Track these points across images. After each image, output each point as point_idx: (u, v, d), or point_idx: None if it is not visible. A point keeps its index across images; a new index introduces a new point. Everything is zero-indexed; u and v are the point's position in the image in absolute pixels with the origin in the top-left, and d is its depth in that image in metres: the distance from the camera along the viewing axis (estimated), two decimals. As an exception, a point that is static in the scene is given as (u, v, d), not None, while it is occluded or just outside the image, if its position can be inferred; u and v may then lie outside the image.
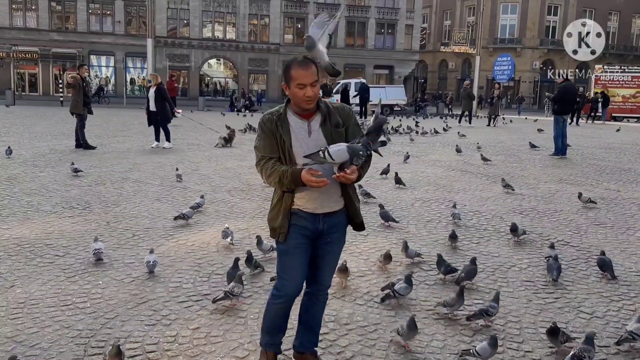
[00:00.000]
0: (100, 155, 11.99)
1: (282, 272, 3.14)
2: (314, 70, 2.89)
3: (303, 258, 3.08)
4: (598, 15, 58.42)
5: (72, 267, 5.03)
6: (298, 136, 2.95)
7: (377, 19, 51.11)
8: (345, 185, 3.00)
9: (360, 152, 2.78)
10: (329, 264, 3.20)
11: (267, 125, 2.98)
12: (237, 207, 7.54)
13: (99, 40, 45.21)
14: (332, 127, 2.96)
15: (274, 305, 3.18)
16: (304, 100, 2.89)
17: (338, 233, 3.13)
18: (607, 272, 5.09)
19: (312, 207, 3.00)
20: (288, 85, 2.92)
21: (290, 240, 3.03)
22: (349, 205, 3.09)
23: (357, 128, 3.07)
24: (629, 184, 9.93)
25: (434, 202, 8.04)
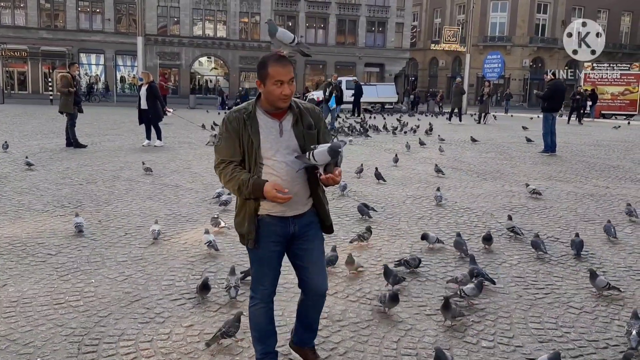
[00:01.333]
0: (91, 154, 11.95)
1: (256, 278, 3.08)
2: (291, 68, 2.81)
3: (276, 264, 3.02)
4: (587, 13, 58.81)
5: (64, 265, 5.03)
6: (268, 136, 2.83)
7: (368, 17, 51.16)
8: (315, 187, 2.94)
9: (340, 152, 2.71)
10: (314, 263, 3.04)
11: (233, 125, 2.84)
12: (230, 205, 7.52)
13: (88, 39, 44.92)
14: (304, 129, 2.87)
15: (255, 307, 3.09)
16: (280, 99, 2.78)
17: (312, 230, 3.02)
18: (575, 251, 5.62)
19: (280, 210, 2.88)
20: (263, 83, 2.79)
21: (262, 248, 2.94)
22: (318, 207, 3.01)
23: (327, 131, 3.04)
24: (617, 181, 10.03)
25: (425, 199, 8.09)
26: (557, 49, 57.23)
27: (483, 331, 3.93)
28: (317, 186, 2.95)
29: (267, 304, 3.10)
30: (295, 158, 2.82)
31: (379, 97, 36.92)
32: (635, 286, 4.85)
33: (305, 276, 3.06)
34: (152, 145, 13.54)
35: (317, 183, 2.93)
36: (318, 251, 3.08)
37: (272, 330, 3.20)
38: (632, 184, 9.72)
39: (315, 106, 3.08)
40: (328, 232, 3.14)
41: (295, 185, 2.85)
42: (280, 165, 2.83)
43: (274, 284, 3.09)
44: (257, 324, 3.13)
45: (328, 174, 2.72)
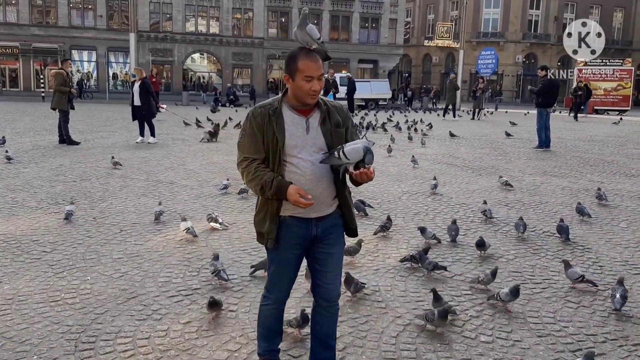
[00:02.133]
0: (85, 151, 11.87)
1: (272, 279, 2.99)
2: (321, 63, 2.70)
3: (294, 267, 2.94)
4: (579, 9, 59.09)
5: (59, 263, 4.99)
6: (294, 133, 2.71)
7: (361, 13, 51.11)
8: (342, 187, 2.83)
9: (372, 149, 2.59)
10: (331, 269, 2.93)
11: (258, 120, 2.73)
12: (225, 202, 7.52)
13: (80, 35, 44.66)
14: (332, 127, 2.75)
15: (266, 306, 3.04)
16: (308, 95, 2.67)
17: (335, 234, 2.90)
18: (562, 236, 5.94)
19: (303, 211, 2.74)
20: (292, 78, 2.68)
21: (282, 249, 2.83)
22: (344, 209, 2.89)
23: (355, 130, 2.90)
24: (612, 176, 10.07)
25: (421, 195, 8.09)
26: (550, 44, 57.52)
27: (481, 326, 3.92)
28: (343, 187, 2.84)
29: (279, 306, 3.05)
30: (321, 163, 2.70)
31: (373, 94, 36.93)
32: (632, 280, 4.85)
33: (320, 280, 2.94)
34: (146, 142, 13.47)
35: (343, 183, 2.83)
36: (338, 257, 2.97)
37: (280, 330, 3.17)
38: (626, 179, 9.75)
39: (344, 104, 2.97)
40: (352, 236, 3.03)
41: (320, 186, 2.74)
42: (306, 164, 2.71)
43: (289, 288, 3.02)
44: (266, 323, 3.09)
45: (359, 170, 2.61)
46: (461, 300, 4.35)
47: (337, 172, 2.76)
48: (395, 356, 3.47)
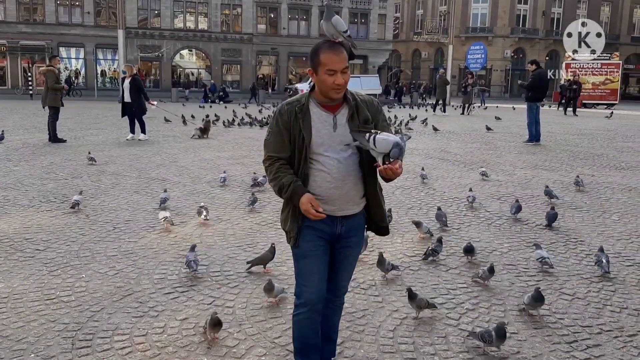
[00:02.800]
0: (75, 148, 11.78)
1: (300, 279, 2.81)
2: (345, 56, 2.59)
3: (322, 261, 2.77)
4: (567, 4, 59.42)
5: (53, 260, 4.96)
6: (321, 131, 2.63)
7: (350, 9, 51.05)
8: (372, 184, 2.73)
9: (403, 148, 2.49)
10: (346, 269, 2.91)
11: (284, 118, 2.66)
12: (218, 198, 7.50)
13: (68, 32, 44.26)
14: (360, 124, 2.64)
15: (298, 317, 2.81)
16: (333, 89, 2.58)
17: (356, 237, 2.84)
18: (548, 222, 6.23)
19: (330, 209, 2.68)
20: (315, 72, 2.61)
21: (306, 243, 2.72)
22: (374, 208, 2.80)
23: (387, 124, 2.77)
24: (602, 169, 10.15)
25: (414, 189, 8.11)
26: (538, 39, 57.81)
27: (478, 318, 3.95)
28: (374, 184, 2.74)
29: (313, 313, 2.79)
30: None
31: (363, 89, 36.92)
32: (626, 272, 4.91)
33: (332, 277, 2.87)
34: (137, 139, 13.39)
35: (373, 180, 2.73)
36: (354, 258, 2.95)
37: (316, 344, 2.92)
38: (616, 172, 9.84)
39: (374, 98, 2.84)
40: (382, 234, 2.94)
41: (346, 184, 2.66)
42: (332, 162, 2.63)
43: (322, 287, 2.77)
44: (301, 335, 2.88)
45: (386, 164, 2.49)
46: (457, 293, 4.38)
47: (367, 169, 2.67)
48: (394, 350, 3.49)
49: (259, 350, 3.45)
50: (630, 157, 11.57)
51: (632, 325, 3.87)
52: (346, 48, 2.66)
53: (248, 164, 10.02)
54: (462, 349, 3.50)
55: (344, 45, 2.66)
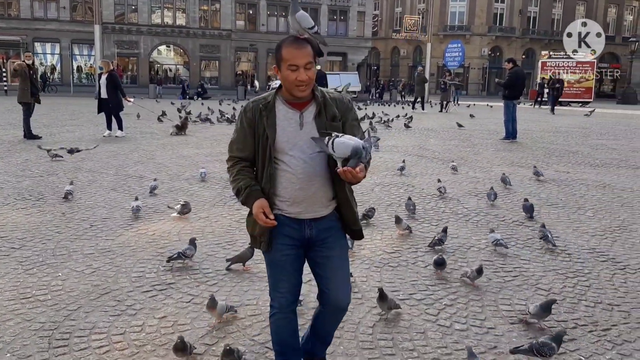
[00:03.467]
0: (51, 145, 11.57)
1: (272, 283, 2.77)
2: (309, 51, 2.49)
3: (291, 269, 2.71)
4: (543, 2, 60.15)
5: (29, 259, 4.89)
6: (286, 129, 2.54)
7: (330, 6, 51.06)
8: (342, 186, 2.61)
9: (362, 152, 2.35)
10: (335, 272, 2.72)
11: (248, 116, 2.59)
12: (196, 195, 7.45)
13: (43, 27, 43.52)
14: (327, 121, 2.54)
15: (273, 318, 2.79)
16: (296, 86, 2.48)
17: (332, 237, 2.69)
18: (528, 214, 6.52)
19: (295, 211, 2.60)
20: (279, 68, 2.51)
21: (276, 251, 2.66)
22: (344, 209, 2.68)
23: (357, 124, 2.67)
24: (577, 166, 10.31)
25: (393, 186, 8.15)
26: (515, 37, 58.44)
27: (456, 314, 3.99)
28: (343, 185, 2.60)
29: (287, 314, 2.77)
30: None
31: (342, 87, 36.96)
32: (600, 267, 4.99)
33: (325, 287, 2.72)
34: (114, 135, 13.24)
35: (344, 182, 2.54)
36: (339, 259, 2.74)
37: (294, 344, 2.87)
38: (591, 169, 10.00)
39: (345, 96, 2.74)
40: (356, 238, 2.83)
41: (312, 185, 2.56)
42: (298, 162, 2.54)
43: (293, 291, 2.75)
44: (278, 337, 2.84)
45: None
46: (436, 289, 4.42)
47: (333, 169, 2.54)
48: (373, 346, 3.51)
49: (239, 347, 3.44)
50: (604, 154, 11.78)
51: (606, 320, 3.94)
52: (313, 44, 2.56)
53: (227, 161, 9.97)
54: (441, 344, 3.53)
55: (310, 41, 2.57)
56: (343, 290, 2.75)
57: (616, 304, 4.21)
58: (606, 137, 15.46)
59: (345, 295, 2.77)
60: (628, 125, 19.42)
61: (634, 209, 7.12)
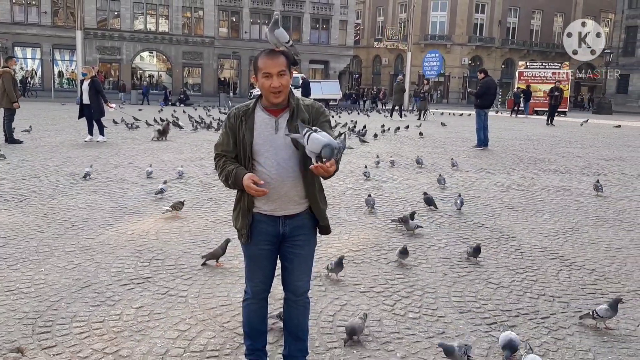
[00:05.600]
0: (33, 150, 11.81)
1: (247, 273, 3.11)
2: (282, 61, 2.78)
3: (266, 262, 3.02)
4: (522, 13, 61.26)
5: (12, 256, 5.15)
6: (262, 133, 2.82)
7: (312, 14, 51.63)
8: (312, 185, 2.89)
9: (336, 149, 2.58)
10: (299, 267, 3.02)
11: (231, 121, 2.90)
12: (175, 198, 7.69)
13: (24, 32, 43.44)
14: (296, 124, 2.77)
15: (245, 304, 3.14)
16: (271, 92, 2.76)
17: (304, 235, 2.97)
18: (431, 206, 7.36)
19: (270, 209, 2.88)
20: (256, 76, 2.82)
21: (253, 245, 2.96)
22: (314, 207, 2.94)
23: (328, 125, 2.89)
24: (542, 172, 10.78)
25: (364, 190, 8.51)
26: (494, 47, 59.45)
27: (411, 304, 4.34)
28: (313, 184, 2.90)
29: (259, 302, 3.12)
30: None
31: (324, 94, 37.42)
32: (548, 264, 5.39)
33: (289, 277, 3.06)
34: (95, 140, 13.46)
35: (313, 182, 2.89)
36: (306, 257, 3.05)
37: (263, 330, 3.22)
38: (554, 175, 10.47)
39: (317, 102, 3.02)
40: (323, 233, 3.09)
41: (285, 184, 2.83)
42: (272, 162, 2.81)
43: (266, 282, 3.09)
44: (249, 321, 3.17)
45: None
46: (394, 283, 4.77)
47: (306, 170, 2.77)
48: (332, 332, 3.85)
49: (209, 333, 3.77)
50: (569, 162, 12.29)
51: (547, 309, 4.33)
52: (288, 56, 2.86)
53: (205, 165, 10.27)
54: (394, 330, 3.88)
55: (285, 53, 2.87)
56: (303, 280, 3.08)
57: (557, 296, 4.60)
58: (574, 145, 16.03)
59: (304, 283, 3.09)
60: (597, 135, 20.07)
61: (588, 212, 7.57)
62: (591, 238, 6.32)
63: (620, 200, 8.35)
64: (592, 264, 5.41)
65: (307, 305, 3.18)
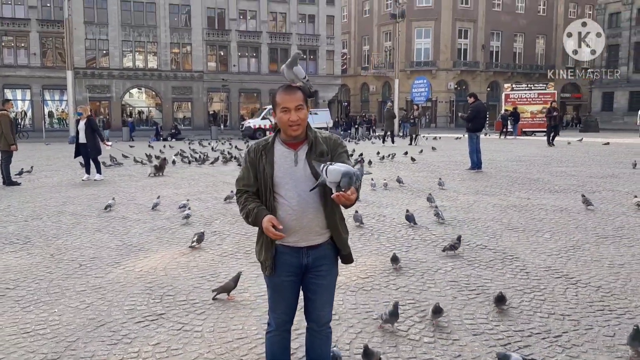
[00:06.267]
0: (31, 191, 11.83)
1: (270, 304, 3.14)
2: (300, 96, 2.89)
3: (290, 294, 3.06)
4: (504, 37, 62.43)
5: (24, 298, 5.17)
6: (282, 166, 2.90)
7: (299, 45, 52.32)
8: (333, 215, 2.95)
9: (354, 177, 2.65)
10: (321, 297, 3.07)
11: (251, 156, 2.98)
12: (179, 233, 7.79)
13: (13, 74, 43.72)
14: (316, 156, 2.87)
15: (268, 336, 3.18)
16: (289, 126, 2.86)
17: (326, 265, 3.02)
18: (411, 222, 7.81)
19: (293, 240, 2.93)
20: (275, 111, 2.92)
21: (276, 277, 3.00)
22: (336, 236, 3.00)
23: (346, 155, 2.98)
24: (537, 192, 10.93)
25: (365, 216, 8.59)
26: (479, 71, 60.45)
27: (424, 329, 4.40)
28: (334, 214, 2.97)
29: (282, 333, 3.15)
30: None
31: (315, 123, 37.68)
32: (554, 283, 5.48)
33: (310, 306, 3.11)
34: (92, 179, 13.50)
35: (334, 211, 2.97)
36: (328, 287, 3.09)
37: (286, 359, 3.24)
38: (550, 195, 10.62)
39: (334, 134, 3.12)
40: (346, 262, 3.13)
41: (306, 216, 2.89)
42: (293, 194, 2.88)
43: (289, 313, 3.12)
44: (272, 353, 3.18)
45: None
46: (406, 308, 4.83)
47: (327, 199, 2.86)
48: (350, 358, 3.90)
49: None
50: (563, 181, 12.47)
51: (558, 328, 4.40)
52: (304, 90, 2.99)
53: (206, 199, 10.35)
54: (411, 356, 3.93)
55: (302, 88, 2.99)
56: (326, 310, 3.12)
57: (567, 314, 4.68)
58: (566, 164, 16.25)
59: (327, 314, 3.13)
60: (587, 153, 20.36)
61: (588, 229, 7.69)
62: (593, 255, 6.43)
63: (617, 216, 8.49)
64: (597, 281, 5.51)
65: (330, 335, 3.22)
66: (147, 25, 47.74)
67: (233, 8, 50.19)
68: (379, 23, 61.96)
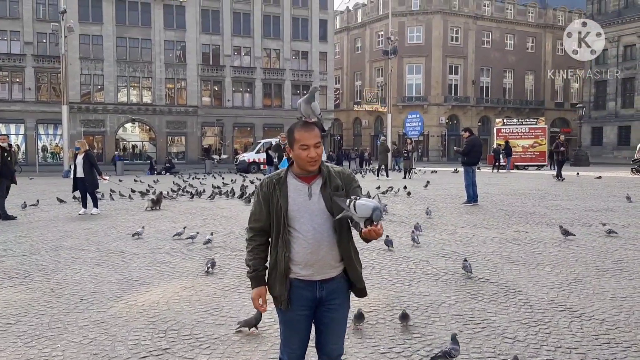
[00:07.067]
0: (28, 225, 11.77)
1: (283, 339, 3.13)
2: (317, 132, 2.95)
3: (303, 328, 3.05)
4: (494, 73, 63.53)
5: (26, 333, 5.11)
6: (296, 199, 2.92)
7: (293, 81, 53.03)
8: (347, 248, 2.98)
9: (383, 211, 2.74)
10: (334, 330, 3.08)
11: (264, 190, 3.00)
12: (179, 267, 7.75)
13: (7, 108, 43.90)
14: (332, 191, 2.91)
15: None
16: (307, 162, 2.91)
17: (339, 299, 3.03)
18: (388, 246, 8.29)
19: (307, 273, 2.94)
20: (292, 147, 2.94)
21: (291, 311, 2.99)
22: (350, 271, 3.02)
23: (359, 190, 3.03)
24: (535, 226, 11.00)
25: (366, 250, 8.59)
26: (470, 106, 61.30)
27: (432, 363, 4.38)
28: (349, 248, 3.00)
29: None
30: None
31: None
32: (558, 316, 5.49)
33: (323, 340, 3.10)
34: (89, 213, 13.45)
35: (349, 245, 3.00)
36: (341, 320, 3.10)
37: None
38: (547, 228, 10.69)
39: (346, 169, 3.17)
40: (360, 296, 3.14)
41: (321, 249, 2.92)
42: (308, 228, 2.91)
43: (302, 347, 3.10)
44: None
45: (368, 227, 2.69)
46: (412, 342, 4.82)
47: (341, 233, 2.94)
48: None
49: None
50: (559, 214, 12.55)
51: (563, 360, 4.41)
52: (318, 126, 3.05)
53: (204, 233, 10.30)
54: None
55: (316, 123, 3.06)
56: (338, 344, 3.13)
57: (574, 347, 4.68)
58: (560, 198, 16.38)
59: (339, 348, 3.14)
60: (580, 186, 20.53)
61: (588, 262, 7.73)
62: (595, 288, 6.45)
63: (616, 250, 8.54)
64: (601, 314, 5.52)
65: None
66: (142, 61, 48.28)
67: (228, 44, 50.92)
68: (371, 59, 62.98)
